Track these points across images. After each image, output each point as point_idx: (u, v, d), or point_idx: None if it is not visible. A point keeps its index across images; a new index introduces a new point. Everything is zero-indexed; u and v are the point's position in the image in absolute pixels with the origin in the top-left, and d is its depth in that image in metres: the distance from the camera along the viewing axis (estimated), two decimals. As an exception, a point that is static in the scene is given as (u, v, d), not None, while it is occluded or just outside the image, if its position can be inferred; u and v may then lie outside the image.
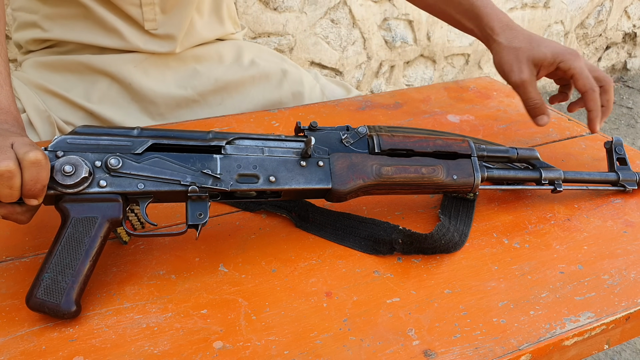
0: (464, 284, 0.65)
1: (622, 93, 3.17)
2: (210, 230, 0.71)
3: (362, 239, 0.70)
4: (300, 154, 0.66)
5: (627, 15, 3.13)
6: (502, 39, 0.84)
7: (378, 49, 2.43)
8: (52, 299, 0.56)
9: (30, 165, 0.55)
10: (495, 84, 1.18)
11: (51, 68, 0.99)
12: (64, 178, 0.58)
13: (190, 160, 0.62)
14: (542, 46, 0.80)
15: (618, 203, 0.80)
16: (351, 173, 0.67)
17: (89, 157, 0.60)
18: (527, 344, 0.57)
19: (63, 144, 0.60)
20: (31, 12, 0.98)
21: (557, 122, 1.02)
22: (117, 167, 0.60)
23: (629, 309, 0.62)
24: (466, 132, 0.97)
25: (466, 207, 0.76)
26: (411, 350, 0.56)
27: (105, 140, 0.61)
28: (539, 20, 2.79)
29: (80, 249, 0.58)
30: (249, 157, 0.64)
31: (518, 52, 0.81)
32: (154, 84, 1.01)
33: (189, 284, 0.63)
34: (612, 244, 0.72)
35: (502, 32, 0.84)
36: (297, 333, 0.58)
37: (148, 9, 0.95)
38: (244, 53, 1.11)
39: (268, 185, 0.64)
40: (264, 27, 2.11)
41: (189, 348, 0.55)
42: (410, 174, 0.69)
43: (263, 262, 0.67)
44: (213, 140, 0.64)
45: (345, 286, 0.64)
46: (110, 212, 0.60)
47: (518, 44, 0.82)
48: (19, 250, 0.67)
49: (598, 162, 0.89)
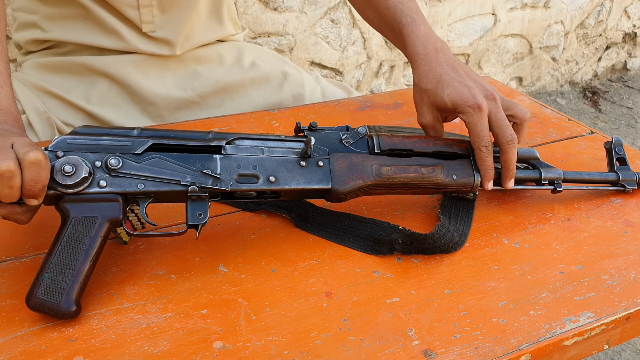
0: (464, 284, 0.65)
1: (622, 93, 3.17)
2: (210, 230, 0.71)
3: (362, 239, 0.70)
4: (300, 154, 0.66)
5: (627, 15, 3.13)
6: (415, 75, 0.77)
7: (378, 49, 2.43)
8: (52, 298, 0.56)
9: (31, 165, 0.55)
10: (495, 84, 1.18)
11: (51, 69, 0.99)
12: (64, 178, 0.58)
13: (190, 161, 0.62)
14: (445, 92, 0.72)
15: (618, 203, 0.80)
16: (351, 173, 0.67)
17: (89, 157, 0.60)
18: (527, 344, 0.57)
19: (63, 144, 0.60)
20: (31, 12, 0.98)
21: (557, 122, 1.02)
22: (117, 167, 0.60)
23: (629, 309, 0.62)
24: (466, 132, 0.97)
25: (466, 207, 0.76)
26: (411, 350, 0.56)
27: (105, 140, 0.61)
28: (539, 20, 2.79)
29: (80, 249, 0.58)
30: (249, 157, 0.64)
31: (423, 94, 0.75)
32: (154, 85, 1.01)
33: (189, 284, 0.63)
34: (612, 244, 0.72)
35: (417, 67, 0.76)
36: (297, 333, 0.58)
37: (146, 11, 0.95)
38: (245, 55, 1.11)
39: (268, 185, 0.64)
40: (264, 27, 2.11)
41: (189, 348, 0.55)
42: (410, 174, 0.69)
43: (263, 262, 0.67)
44: (213, 141, 0.64)
45: (345, 286, 0.64)
46: (110, 212, 0.60)
47: (425, 85, 0.75)
48: (19, 250, 0.67)
49: (598, 162, 0.89)
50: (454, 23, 2.55)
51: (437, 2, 2.44)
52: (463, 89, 0.71)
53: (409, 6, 0.80)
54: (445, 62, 0.75)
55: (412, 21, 0.77)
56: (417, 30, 0.77)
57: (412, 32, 0.77)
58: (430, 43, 0.76)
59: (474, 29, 2.63)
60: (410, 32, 0.77)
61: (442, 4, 2.47)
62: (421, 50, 0.76)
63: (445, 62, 0.75)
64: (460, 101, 0.70)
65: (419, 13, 0.80)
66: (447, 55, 0.76)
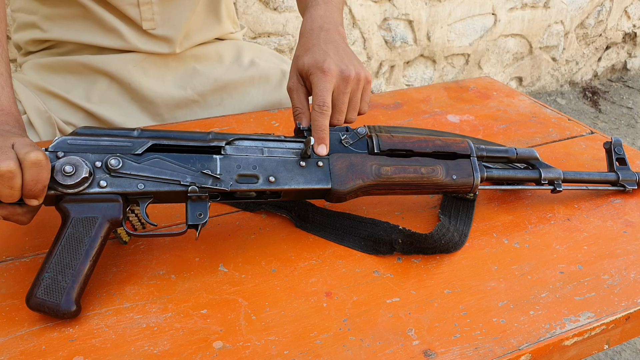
0: (464, 284, 0.65)
1: (622, 93, 3.17)
2: (210, 230, 0.71)
3: (362, 239, 0.70)
4: (299, 155, 0.66)
5: (627, 15, 3.13)
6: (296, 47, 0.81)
7: (378, 49, 2.43)
8: (52, 298, 0.56)
9: (31, 165, 0.56)
10: (495, 84, 1.18)
11: (51, 69, 0.99)
12: (65, 178, 0.58)
13: (190, 161, 0.63)
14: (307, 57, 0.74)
15: (618, 203, 0.80)
16: (350, 173, 0.67)
17: (90, 157, 0.60)
18: (527, 344, 0.57)
19: (64, 144, 0.60)
20: (30, 12, 0.98)
21: (557, 122, 1.02)
22: (117, 168, 0.60)
23: (629, 309, 0.62)
24: (466, 132, 0.97)
25: (466, 207, 0.76)
26: (411, 350, 0.56)
27: (105, 141, 0.61)
28: (539, 20, 2.79)
29: (80, 249, 0.58)
30: (249, 158, 0.65)
31: (294, 61, 0.78)
32: (154, 84, 1.01)
33: (189, 284, 0.63)
34: (612, 244, 0.72)
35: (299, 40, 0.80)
36: (297, 333, 0.58)
37: (146, 8, 0.95)
38: (244, 53, 1.11)
39: (267, 186, 0.64)
40: (264, 27, 2.11)
41: (189, 348, 0.55)
42: (410, 174, 0.69)
43: (263, 262, 0.67)
44: (213, 141, 0.64)
45: (345, 286, 0.64)
46: (111, 212, 0.60)
47: (297, 53, 0.78)
48: (19, 250, 0.67)
49: (598, 162, 0.89)
50: (454, 23, 2.55)
51: (437, 2, 2.44)
52: (320, 55, 0.74)
53: None
54: (323, 39, 0.77)
55: (316, 4, 0.82)
56: (314, 11, 0.81)
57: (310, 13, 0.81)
58: (318, 22, 0.79)
59: (474, 29, 2.63)
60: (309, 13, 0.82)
61: (442, 4, 2.47)
62: (308, 27, 0.80)
63: (325, 39, 0.78)
64: (312, 63, 0.73)
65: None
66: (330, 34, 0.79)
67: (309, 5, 0.84)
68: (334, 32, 0.79)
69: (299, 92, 0.76)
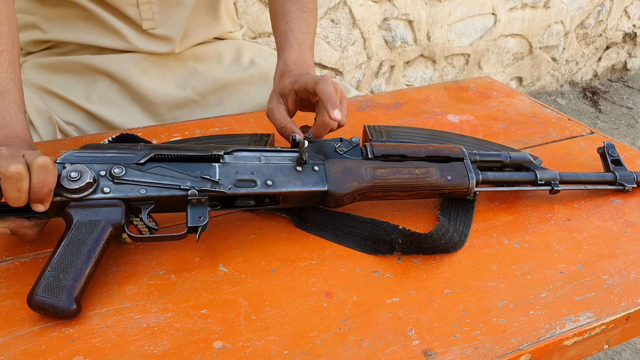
0: (464, 284, 0.65)
1: (622, 93, 3.17)
2: (210, 230, 0.71)
3: (362, 239, 0.70)
4: (295, 161, 0.69)
5: (627, 15, 3.13)
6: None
7: (378, 49, 2.43)
8: (52, 297, 0.56)
9: (39, 168, 0.58)
10: (495, 84, 1.18)
11: (51, 69, 0.99)
12: (70, 183, 0.61)
13: (191, 168, 0.65)
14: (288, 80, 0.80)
15: (618, 203, 0.80)
16: (346, 176, 0.69)
17: (95, 167, 0.63)
18: (527, 344, 0.57)
19: (71, 156, 0.63)
20: (30, 13, 0.98)
21: (557, 122, 1.02)
22: (120, 175, 0.63)
23: (629, 309, 0.62)
24: (466, 132, 0.97)
25: (466, 207, 0.76)
26: (411, 350, 0.56)
27: (110, 153, 0.64)
28: (539, 20, 2.79)
29: (82, 250, 0.59)
30: (247, 165, 0.67)
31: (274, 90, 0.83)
32: (154, 84, 1.01)
33: (189, 284, 0.63)
34: (612, 244, 0.72)
35: (275, 78, 0.86)
36: (297, 333, 0.58)
37: (145, 8, 0.95)
38: (244, 53, 1.11)
39: (265, 189, 0.66)
40: (264, 27, 2.11)
41: (189, 348, 0.55)
42: (404, 175, 0.71)
43: (263, 262, 0.67)
44: (212, 151, 0.67)
45: (345, 286, 0.64)
46: (114, 217, 0.62)
47: (275, 86, 0.84)
48: (19, 250, 0.67)
49: (598, 162, 0.89)
50: (454, 23, 2.55)
51: (437, 2, 2.44)
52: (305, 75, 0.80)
53: (296, 34, 0.91)
54: (292, 71, 0.84)
55: (290, 47, 0.89)
56: (287, 55, 0.87)
57: (284, 56, 0.87)
58: (290, 67, 0.85)
59: (474, 29, 2.63)
60: (283, 57, 0.88)
61: (442, 4, 2.46)
62: (282, 70, 0.86)
63: (293, 71, 0.84)
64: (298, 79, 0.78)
65: (303, 37, 0.91)
66: (299, 68, 0.85)
67: (283, 48, 0.89)
68: (302, 69, 0.86)
69: (279, 109, 0.80)
